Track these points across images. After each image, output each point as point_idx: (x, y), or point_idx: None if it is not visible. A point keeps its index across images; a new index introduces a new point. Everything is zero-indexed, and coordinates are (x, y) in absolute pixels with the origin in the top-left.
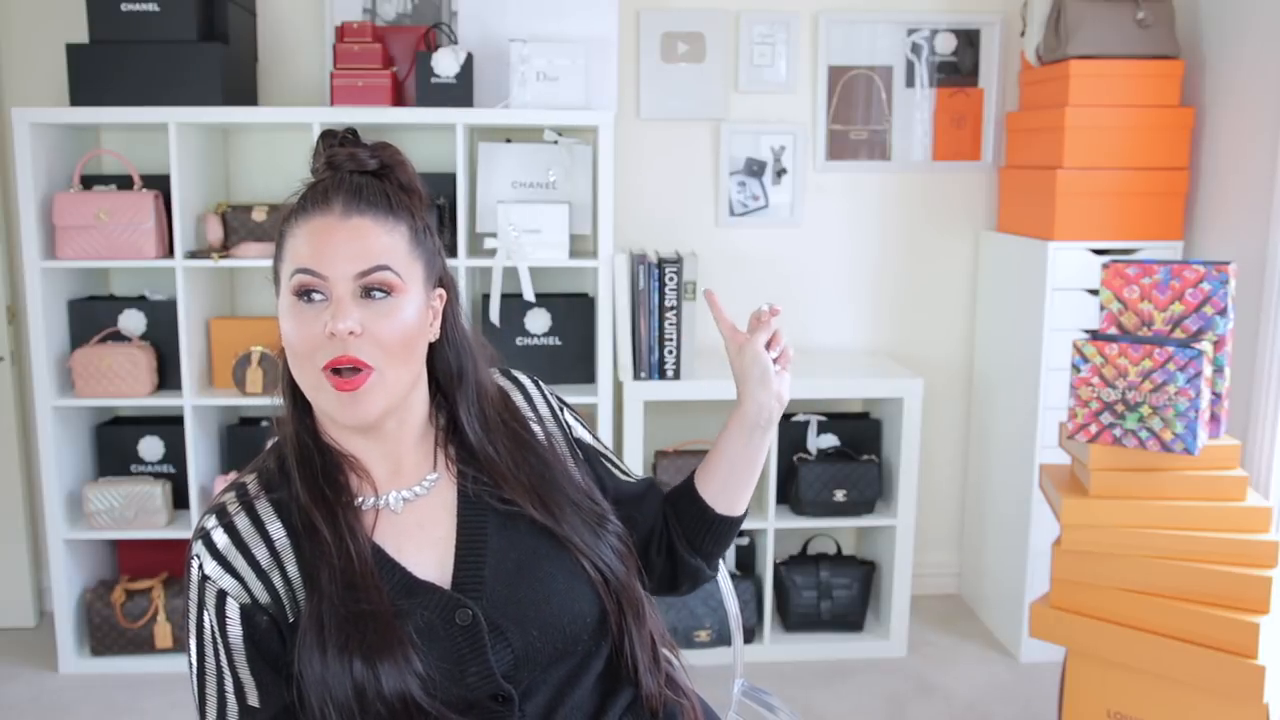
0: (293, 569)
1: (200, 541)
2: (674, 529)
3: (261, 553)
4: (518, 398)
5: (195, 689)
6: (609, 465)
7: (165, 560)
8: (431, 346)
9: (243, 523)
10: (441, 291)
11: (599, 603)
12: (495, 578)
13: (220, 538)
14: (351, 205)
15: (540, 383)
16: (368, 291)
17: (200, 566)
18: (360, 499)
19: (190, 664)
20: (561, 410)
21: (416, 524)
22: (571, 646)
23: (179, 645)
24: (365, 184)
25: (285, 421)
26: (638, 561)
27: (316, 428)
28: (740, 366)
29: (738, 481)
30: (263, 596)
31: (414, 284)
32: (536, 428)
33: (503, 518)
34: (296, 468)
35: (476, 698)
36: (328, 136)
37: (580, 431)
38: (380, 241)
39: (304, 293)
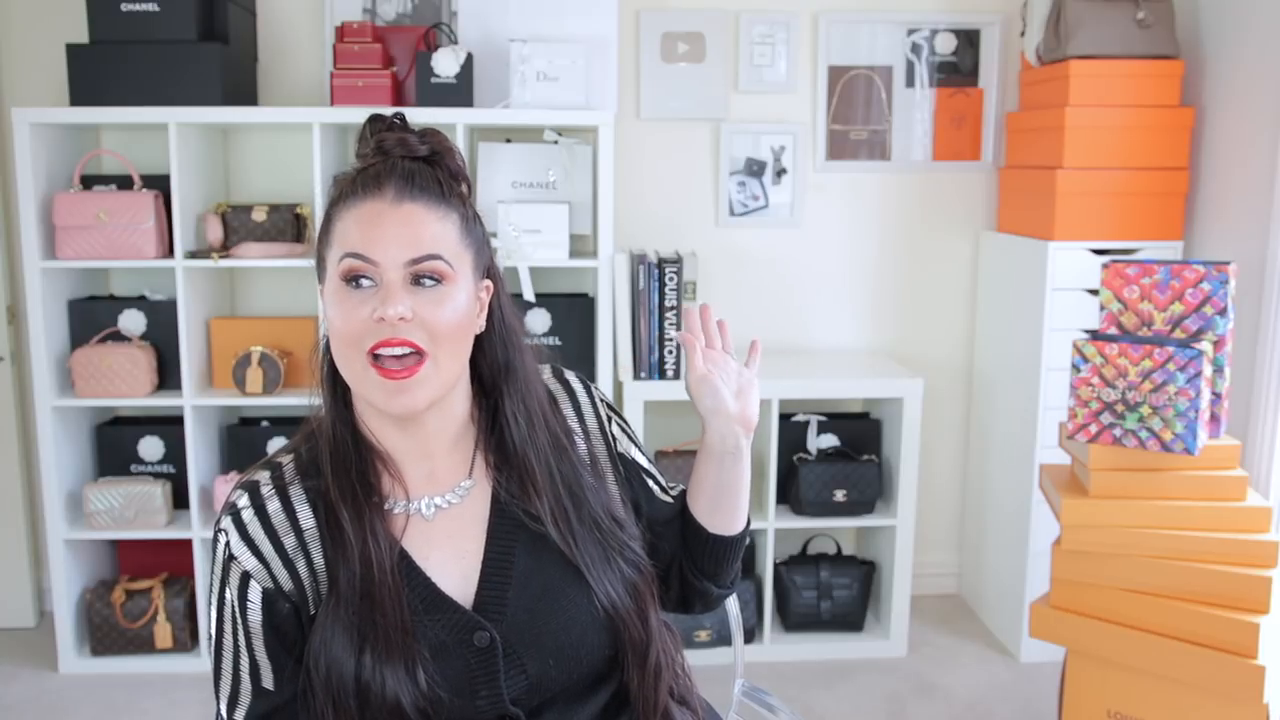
0: (319, 559)
1: (229, 518)
2: (681, 550)
3: (290, 540)
4: (567, 407)
5: (212, 661)
6: (650, 484)
7: (165, 560)
8: (478, 341)
9: (274, 506)
10: (488, 283)
11: (614, 634)
12: (518, 601)
13: (250, 518)
14: (404, 191)
15: (592, 388)
16: (417, 279)
17: (227, 544)
18: (391, 502)
19: (209, 635)
20: (609, 421)
21: (446, 534)
22: (586, 674)
23: (179, 645)
24: (417, 170)
25: (322, 412)
26: (654, 596)
27: (354, 421)
28: (693, 396)
29: (723, 504)
30: (286, 584)
31: (463, 273)
32: (580, 442)
33: (532, 538)
34: (328, 461)
35: (483, 719)
36: (375, 121)
37: (625, 445)
38: (432, 229)
39: (353, 278)
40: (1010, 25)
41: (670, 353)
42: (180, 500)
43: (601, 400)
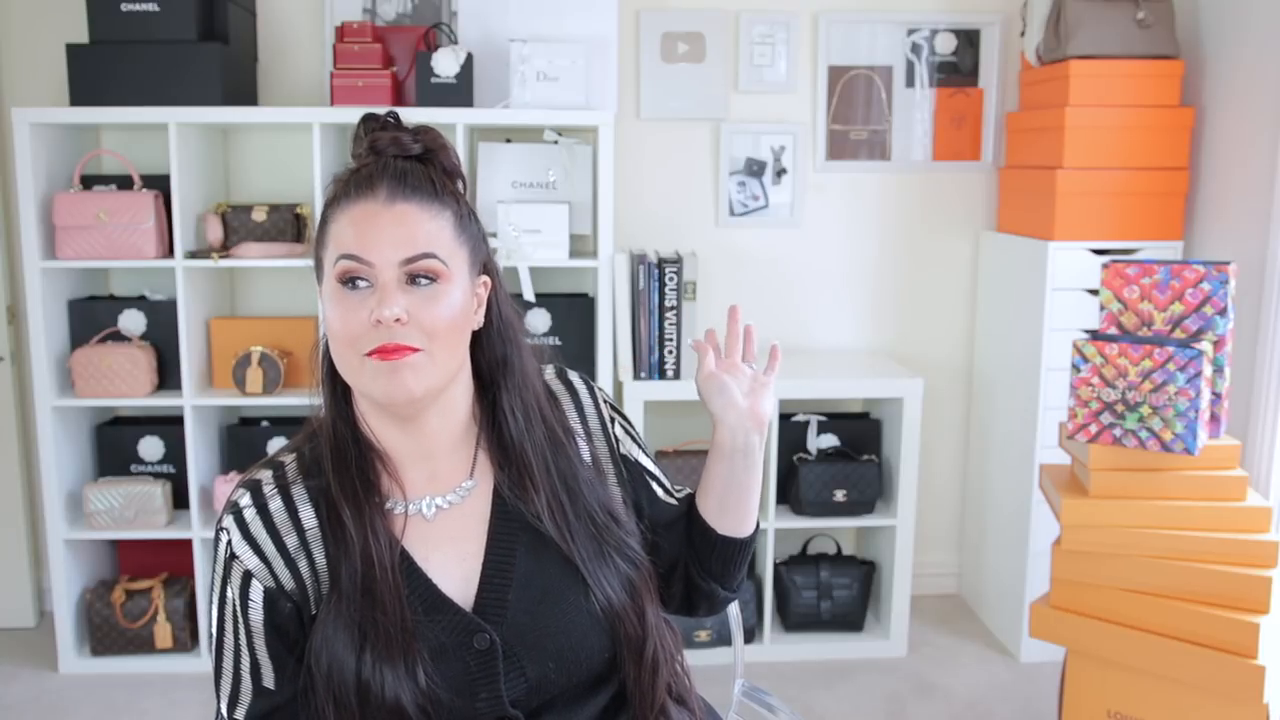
0: (321, 559)
1: (231, 516)
2: (687, 552)
3: (292, 540)
4: (569, 407)
5: (213, 660)
6: (653, 485)
7: (165, 560)
8: (476, 337)
9: (276, 505)
10: (486, 279)
11: (612, 633)
12: (519, 604)
13: (252, 517)
14: (396, 191)
15: (595, 388)
16: (413, 278)
17: (229, 543)
18: (392, 502)
19: (210, 634)
20: (612, 422)
21: (448, 535)
22: (585, 677)
23: (179, 645)
24: (410, 169)
25: (323, 412)
26: (653, 593)
27: (355, 419)
28: (702, 393)
29: (732, 506)
30: (288, 583)
31: (459, 271)
32: (583, 444)
33: (533, 540)
34: (330, 459)
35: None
36: (369, 120)
37: (628, 446)
38: (425, 228)
39: (349, 279)
40: (1010, 25)
41: (670, 353)
42: (180, 500)
43: (605, 401)
